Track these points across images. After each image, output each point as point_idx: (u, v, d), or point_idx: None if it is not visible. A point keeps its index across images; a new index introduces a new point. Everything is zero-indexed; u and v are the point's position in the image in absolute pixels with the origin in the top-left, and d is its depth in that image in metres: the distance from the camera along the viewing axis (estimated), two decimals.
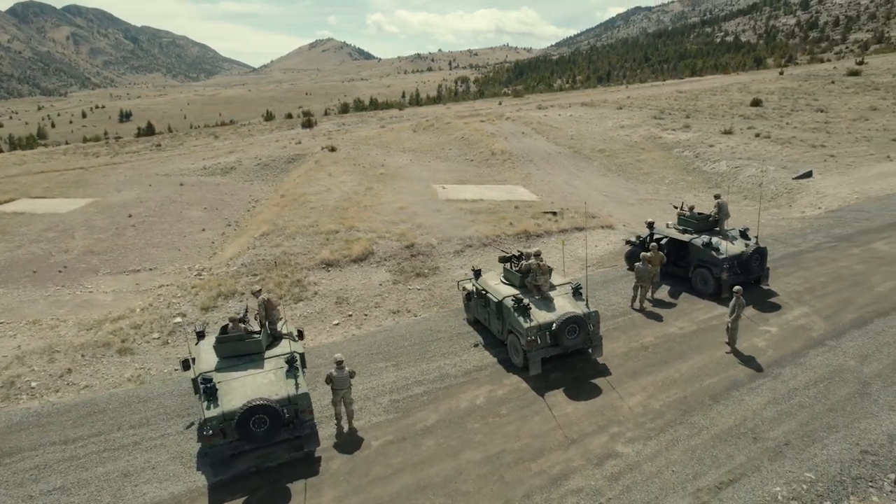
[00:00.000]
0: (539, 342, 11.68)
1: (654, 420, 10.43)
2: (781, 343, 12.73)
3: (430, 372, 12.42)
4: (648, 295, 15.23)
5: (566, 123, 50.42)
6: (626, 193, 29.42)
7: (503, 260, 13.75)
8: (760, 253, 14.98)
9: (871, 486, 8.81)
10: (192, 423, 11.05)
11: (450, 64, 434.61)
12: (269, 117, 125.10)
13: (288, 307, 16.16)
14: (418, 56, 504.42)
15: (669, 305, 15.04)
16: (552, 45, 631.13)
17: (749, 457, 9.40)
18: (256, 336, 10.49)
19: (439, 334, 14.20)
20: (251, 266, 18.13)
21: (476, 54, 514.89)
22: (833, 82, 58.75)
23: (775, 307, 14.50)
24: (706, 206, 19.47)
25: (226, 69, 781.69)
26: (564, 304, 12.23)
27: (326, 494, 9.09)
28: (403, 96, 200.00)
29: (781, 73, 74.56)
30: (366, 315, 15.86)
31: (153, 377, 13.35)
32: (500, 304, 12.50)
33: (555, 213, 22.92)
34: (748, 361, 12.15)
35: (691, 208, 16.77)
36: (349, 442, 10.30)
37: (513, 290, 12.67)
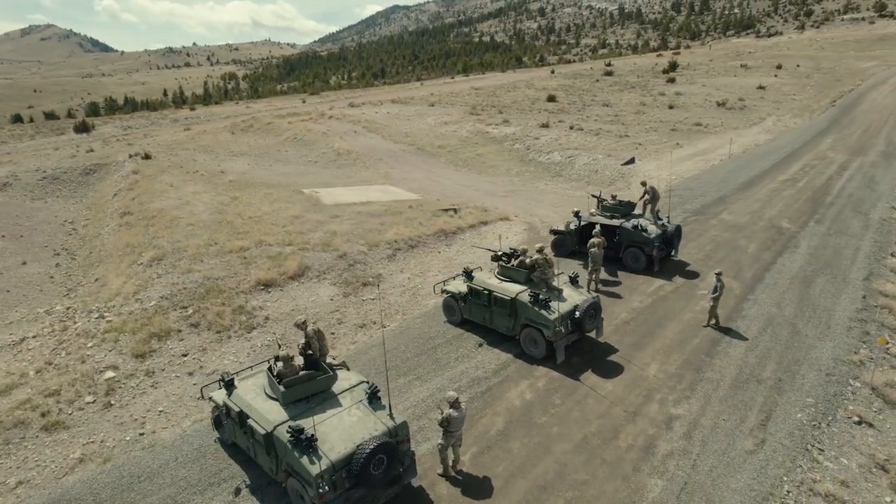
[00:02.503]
0: (563, 331, 12.42)
1: (681, 382, 11.97)
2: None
3: (458, 378, 12.29)
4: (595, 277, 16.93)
5: (390, 121, 51.27)
6: (489, 186, 31.42)
7: (496, 258, 14.13)
8: (678, 231, 17.78)
9: (845, 399, 11.47)
10: (240, 489, 9.42)
11: (209, 59, 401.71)
12: None
13: (242, 338, 14.30)
14: (171, 50, 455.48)
15: (616, 283, 16.97)
16: (316, 41, 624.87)
17: (765, 396, 11.44)
18: (326, 373, 9.39)
19: (435, 340, 14.00)
20: (174, 298, 15.42)
21: (237, 49, 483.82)
22: (598, 81, 69.49)
23: (695, 274, 17.36)
24: (583, 198, 22.06)
25: None
26: (571, 294, 13.13)
27: None
28: (166, 95, 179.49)
29: (553, 72, 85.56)
30: (333, 333, 14.80)
31: (115, 450, 10.85)
32: (513, 300, 12.88)
33: (456, 210, 23.67)
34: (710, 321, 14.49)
35: (600, 197, 19.01)
36: (437, 465, 9.83)
37: (519, 286, 13.15)
